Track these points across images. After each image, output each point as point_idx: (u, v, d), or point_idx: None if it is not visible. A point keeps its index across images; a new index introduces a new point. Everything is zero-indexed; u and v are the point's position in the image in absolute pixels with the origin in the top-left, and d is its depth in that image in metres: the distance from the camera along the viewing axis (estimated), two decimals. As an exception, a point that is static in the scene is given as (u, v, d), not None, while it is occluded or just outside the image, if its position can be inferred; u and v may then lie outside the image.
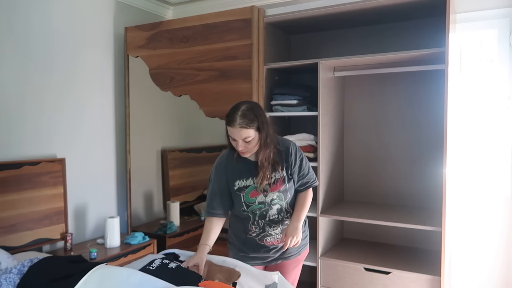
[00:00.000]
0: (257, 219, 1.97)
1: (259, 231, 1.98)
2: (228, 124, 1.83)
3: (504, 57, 2.65)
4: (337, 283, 2.62)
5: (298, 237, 1.87)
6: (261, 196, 1.94)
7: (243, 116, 1.81)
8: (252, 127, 1.82)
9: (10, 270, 1.78)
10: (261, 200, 1.95)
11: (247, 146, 1.86)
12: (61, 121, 2.91)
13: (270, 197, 1.95)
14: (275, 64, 2.85)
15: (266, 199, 1.95)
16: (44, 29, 2.79)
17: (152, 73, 3.20)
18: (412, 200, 2.87)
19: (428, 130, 2.79)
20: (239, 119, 1.80)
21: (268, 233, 1.98)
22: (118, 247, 2.88)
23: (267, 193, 1.95)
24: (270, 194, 1.95)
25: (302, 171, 2.02)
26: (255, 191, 1.94)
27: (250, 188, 1.94)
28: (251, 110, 1.85)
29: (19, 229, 2.57)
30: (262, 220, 1.97)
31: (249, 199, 1.94)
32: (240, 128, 1.80)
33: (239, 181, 1.95)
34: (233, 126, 1.81)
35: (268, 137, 1.89)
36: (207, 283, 1.72)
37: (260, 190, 1.94)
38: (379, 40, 2.92)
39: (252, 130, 1.83)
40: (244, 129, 1.81)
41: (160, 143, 3.67)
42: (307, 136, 2.80)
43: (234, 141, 1.86)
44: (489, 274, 2.74)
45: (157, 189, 3.69)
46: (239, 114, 1.81)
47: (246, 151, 1.89)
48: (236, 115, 1.81)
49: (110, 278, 1.63)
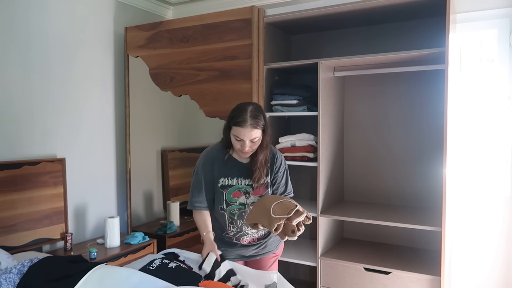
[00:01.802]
0: (236, 219, 2.00)
1: (236, 230, 2.01)
2: (239, 125, 1.83)
3: (504, 57, 2.65)
4: (337, 283, 2.62)
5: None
6: (243, 197, 1.98)
7: (253, 116, 1.83)
8: (260, 128, 1.86)
9: (10, 270, 1.78)
10: (242, 202, 1.98)
11: (252, 146, 1.88)
12: (61, 121, 2.91)
13: (251, 199, 1.99)
14: (275, 64, 2.85)
15: (247, 201, 1.98)
16: (44, 29, 2.79)
17: (152, 73, 3.20)
18: (412, 200, 2.87)
19: (428, 130, 2.78)
20: (250, 120, 1.82)
21: (245, 233, 2.02)
22: (118, 247, 2.88)
23: (249, 195, 1.98)
24: (252, 197, 1.98)
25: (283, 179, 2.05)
26: (238, 191, 1.97)
27: (234, 188, 1.97)
28: (259, 110, 1.89)
29: (19, 229, 2.57)
30: (240, 221, 2.00)
31: (231, 198, 1.97)
32: (251, 129, 1.82)
33: (224, 178, 1.96)
34: (244, 127, 1.82)
35: (269, 138, 1.95)
36: (207, 283, 1.72)
37: (243, 192, 1.97)
38: (379, 40, 2.92)
39: (260, 130, 1.87)
40: (255, 129, 1.83)
41: (160, 143, 3.67)
42: (307, 136, 2.80)
43: (239, 141, 1.87)
44: (489, 274, 2.74)
45: (157, 189, 3.69)
46: (249, 114, 1.83)
47: (250, 151, 1.90)
48: (247, 115, 1.83)
49: (110, 278, 1.63)
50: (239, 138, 1.85)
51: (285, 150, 2.85)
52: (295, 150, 2.81)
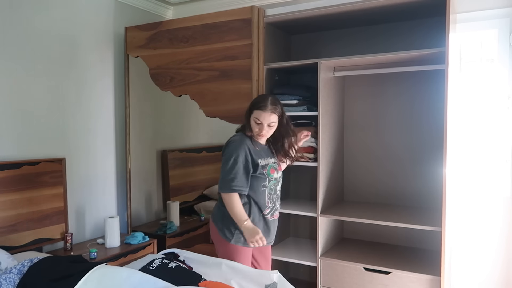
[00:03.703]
0: (272, 194, 2.29)
1: (272, 205, 2.30)
2: (260, 109, 2.17)
3: (504, 57, 2.65)
4: (337, 283, 2.62)
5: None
6: (275, 173, 2.30)
7: (273, 103, 2.19)
8: (277, 114, 2.21)
9: (10, 270, 1.78)
10: (276, 176, 2.31)
11: (268, 130, 2.21)
12: (61, 121, 2.91)
13: (279, 174, 2.35)
14: (275, 64, 2.85)
15: (277, 176, 2.33)
16: (44, 28, 2.79)
17: (152, 73, 3.20)
18: (412, 200, 2.87)
19: (428, 130, 2.78)
20: (270, 106, 2.17)
21: (276, 207, 2.34)
22: (118, 247, 2.88)
23: (277, 171, 2.32)
24: (279, 172, 2.35)
25: None
26: (272, 168, 2.28)
27: (270, 166, 2.27)
28: (277, 100, 2.26)
29: (19, 229, 2.57)
30: (274, 195, 2.31)
31: (270, 174, 2.27)
32: (270, 113, 2.17)
33: (261, 159, 2.24)
34: (265, 111, 2.16)
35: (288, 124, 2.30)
36: (207, 283, 1.72)
37: (275, 168, 2.29)
38: (379, 40, 2.92)
39: (277, 116, 2.21)
40: (273, 114, 2.18)
41: (160, 143, 3.67)
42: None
43: (259, 124, 2.19)
44: (489, 274, 2.74)
45: (157, 189, 3.69)
46: (269, 101, 2.18)
47: (266, 134, 2.23)
48: (268, 102, 2.18)
49: (110, 278, 1.63)
50: (259, 121, 2.18)
51: (285, 150, 2.85)
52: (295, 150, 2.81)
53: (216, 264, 1.98)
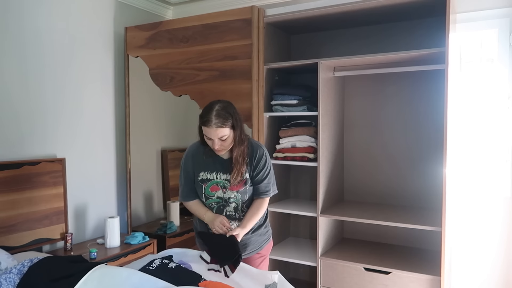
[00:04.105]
0: (214, 212, 2.04)
1: None
2: (204, 125, 1.90)
3: (504, 57, 2.65)
4: (337, 283, 2.62)
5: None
6: (220, 191, 2.02)
7: (218, 115, 1.88)
8: (227, 126, 1.89)
9: (10, 270, 1.78)
10: (219, 196, 2.03)
11: (223, 144, 1.93)
12: (61, 121, 2.91)
13: (228, 195, 2.02)
14: (275, 64, 2.85)
15: (224, 196, 2.02)
16: (44, 28, 2.79)
17: (152, 73, 3.20)
18: (412, 200, 2.87)
19: (428, 130, 2.79)
20: (215, 119, 1.87)
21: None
22: (118, 247, 2.88)
23: (226, 190, 2.02)
24: (229, 192, 2.02)
25: (261, 177, 2.05)
26: (216, 185, 2.02)
27: (212, 182, 2.02)
28: (225, 109, 1.92)
29: (19, 229, 2.57)
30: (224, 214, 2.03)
31: (209, 192, 2.03)
32: (216, 128, 1.87)
33: (203, 172, 2.03)
34: (208, 126, 1.87)
35: (242, 134, 1.98)
36: (207, 283, 1.72)
37: (220, 186, 2.01)
38: (379, 40, 2.92)
39: (227, 128, 1.90)
40: (220, 128, 1.88)
41: (160, 143, 3.68)
42: (307, 137, 2.80)
43: (209, 140, 1.93)
44: (489, 274, 2.74)
45: (157, 189, 3.69)
46: (213, 114, 1.88)
47: (222, 149, 1.95)
48: (211, 115, 1.87)
49: (110, 278, 1.63)
50: (208, 137, 1.92)
51: (285, 151, 2.85)
52: (296, 150, 2.81)
53: None
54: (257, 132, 2.79)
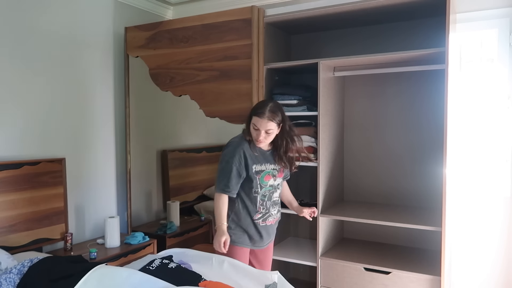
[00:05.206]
0: (266, 200, 2.25)
1: (265, 211, 2.26)
2: (257, 116, 2.13)
3: (504, 57, 2.65)
4: (337, 283, 2.62)
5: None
6: (272, 180, 2.27)
7: (271, 111, 2.14)
8: (276, 122, 2.15)
9: (10, 270, 1.78)
10: (271, 183, 2.27)
11: (266, 137, 2.17)
12: (61, 121, 2.91)
13: (277, 181, 2.30)
14: (275, 64, 2.85)
15: (275, 183, 2.28)
16: (44, 29, 2.79)
17: (152, 73, 3.20)
18: (412, 200, 2.87)
19: (428, 130, 2.78)
20: (268, 113, 2.12)
21: (271, 213, 2.29)
22: (118, 247, 2.88)
23: (276, 178, 2.28)
24: (278, 179, 2.30)
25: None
26: (268, 175, 2.25)
27: (265, 173, 2.24)
28: (277, 107, 2.20)
29: (19, 229, 2.57)
30: (269, 201, 2.27)
31: (264, 181, 2.24)
32: (267, 120, 2.12)
33: (256, 165, 2.22)
34: (262, 118, 2.12)
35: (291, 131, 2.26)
36: (207, 283, 1.72)
37: (271, 175, 2.26)
38: (379, 40, 2.92)
39: (275, 124, 2.15)
40: (270, 121, 2.13)
41: (160, 143, 3.68)
42: (308, 137, 2.80)
43: (256, 130, 2.15)
44: (489, 274, 2.74)
45: (157, 189, 3.69)
46: (268, 108, 2.13)
47: (264, 141, 2.19)
48: (266, 109, 2.13)
49: (110, 278, 1.63)
50: (256, 127, 2.14)
51: (285, 150, 2.85)
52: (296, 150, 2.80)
53: (219, 262, 1.98)
54: (257, 132, 2.79)
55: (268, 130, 2.14)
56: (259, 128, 2.14)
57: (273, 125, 2.14)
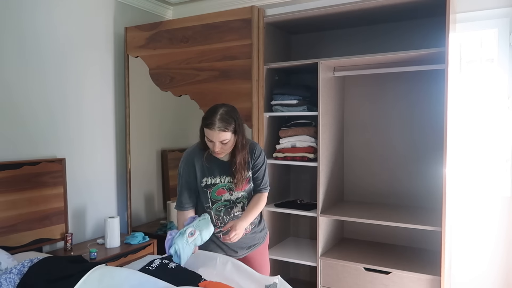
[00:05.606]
0: (222, 215, 2.05)
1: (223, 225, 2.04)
2: (207, 127, 1.89)
3: (504, 57, 2.65)
4: (337, 283, 2.62)
5: (239, 235, 1.95)
6: (227, 194, 2.04)
7: (222, 119, 1.88)
8: (229, 130, 1.89)
9: (10, 270, 1.78)
10: (227, 198, 2.04)
11: (223, 147, 1.93)
12: (61, 121, 2.91)
13: (235, 196, 2.05)
14: (275, 64, 2.85)
15: (231, 198, 2.04)
16: (44, 29, 2.79)
17: (152, 73, 3.20)
18: (412, 200, 2.87)
19: (428, 130, 2.78)
20: (218, 122, 1.86)
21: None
22: (118, 247, 2.88)
23: (232, 192, 2.04)
24: (235, 193, 2.05)
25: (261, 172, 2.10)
26: (222, 189, 2.03)
27: (217, 186, 2.02)
28: (229, 113, 1.91)
29: (19, 229, 2.57)
30: (227, 217, 2.06)
31: (216, 196, 2.03)
32: (219, 131, 1.87)
33: (207, 178, 2.02)
34: (211, 129, 1.87)
35: (244, 139, 1.99)
36: (207, 283, 1.72)
37: (226, 189, 2.02)
38: (379, 40, 2.92)
39: (230, 132, 1.90)
40: (222, 132, 1.87)
41: (160, 143, 3.67)
42: (307, 137, 2.80)
43: (210, 142, 1.92)
44: (489, 273, 2.74)
45: (157, 189, 3.69)
46: (217, 117, 1.87)
47: (222, 152, 1.95)
48: (215, 118, 1.87)
49: (109, 278, 1.63)
50: (209, 139, 1.91)
51: (285, 151, 2.85)
52: (296, 150, 2.81)
53: (223, 262, 1.97)
54: (257, 132, 2.79)
55: (222, 140, 1.89)
56: (212, 140, 1.89)
57: (227, 134, 1.89)
